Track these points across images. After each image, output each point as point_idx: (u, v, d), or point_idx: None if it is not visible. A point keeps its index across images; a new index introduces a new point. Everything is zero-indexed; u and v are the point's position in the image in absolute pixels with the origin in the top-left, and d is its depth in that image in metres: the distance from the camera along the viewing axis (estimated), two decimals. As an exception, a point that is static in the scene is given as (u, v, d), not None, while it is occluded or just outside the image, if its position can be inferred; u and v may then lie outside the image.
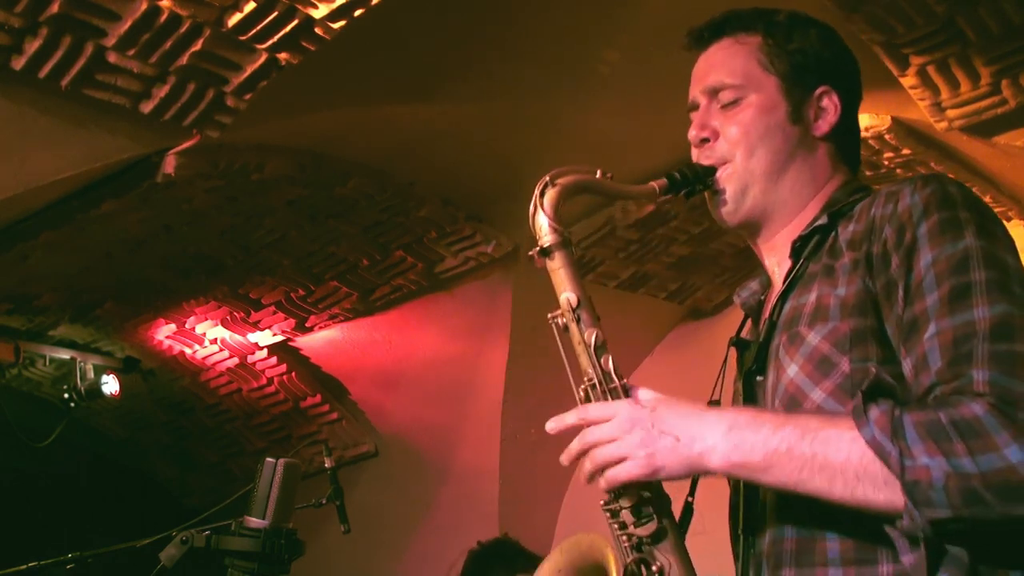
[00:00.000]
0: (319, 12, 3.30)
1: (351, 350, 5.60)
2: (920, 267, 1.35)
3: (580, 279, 1.57)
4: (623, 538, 1.48)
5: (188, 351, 5.68)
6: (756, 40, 1.64)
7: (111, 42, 3.31)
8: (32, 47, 3.27)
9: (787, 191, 1.60)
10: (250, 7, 3.26)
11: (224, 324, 5.42)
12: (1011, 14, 3.31)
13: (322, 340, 5.56)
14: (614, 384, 1.49)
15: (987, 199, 4.57)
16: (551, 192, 1.59)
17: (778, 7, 1.69)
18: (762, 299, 1.68)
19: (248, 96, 3.61)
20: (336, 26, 3.36)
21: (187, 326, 5.45)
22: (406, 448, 5.97)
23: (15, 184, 3.72)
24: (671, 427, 1.39)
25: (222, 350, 5.66)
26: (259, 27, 3.34)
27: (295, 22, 3.33)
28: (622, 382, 1.50)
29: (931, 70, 3.56)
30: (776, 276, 1.63)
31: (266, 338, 5.53)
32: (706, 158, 1.63)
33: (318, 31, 3.38)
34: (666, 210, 4.74)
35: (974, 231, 1.35)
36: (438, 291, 5.17)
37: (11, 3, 3.12)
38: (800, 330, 1.45)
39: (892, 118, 4.09)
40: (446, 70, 3.87)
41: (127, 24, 3.26)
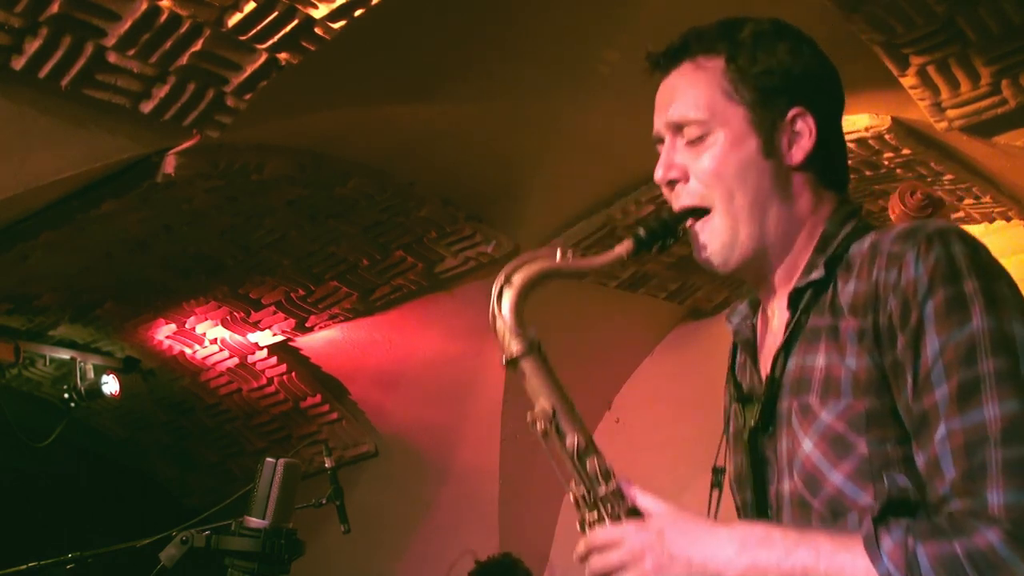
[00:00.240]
0: (319, 12, 3.30)
1: (351, 350, 5.60)
2: (927, 355, 1.31)
3: (555, 383, 1.46)
4: None
5: (188, 351, 5.68)
6: (719, 64, 1.52)
7: (111, 42, 3.31)
8: (32, 47, 3.27)
9: (772, 232, 1.50)
10: (250, 7, 3.26)
11: (224, 324, 5.42)
12: (1011, 14, 3.31)
13: (322, 340, 5.56)
14: (603, 489, 1.44)
15: (987, 199, 4.57)
16: (508, 294, 1.49)
17: (750, 16, 1.57)
18: (754, 323, 1.62)
19: (248, 96, 3.61)
20: (336, 26, 3.36)
21: (187, 326, 5.45)
22: (406, 448, 5.97)
23: (15, 184, 3.72)
24: (682, 549, 1.37)
25: (222, 350, 5.66)
26: (259, 27, 3.34)
27: (295, 22, 3.33)
28: (610, 484, 1.44)
29: (931, 70, 3.56)
30: (773, 320, 1.56)
31: (266, 338, 5.53)
32: (679, 201, 1.53)
33: (318, 31, 3.38)
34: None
35: (981, 307, 1.31)
36: (438, 291, 5.17)
37: (11, 3, 3.12)
38: (811, 402, 1.42)
39: (892, 118, 4.09)
40: (446, 70, 3.87)
41: (127, 24, 3.26)
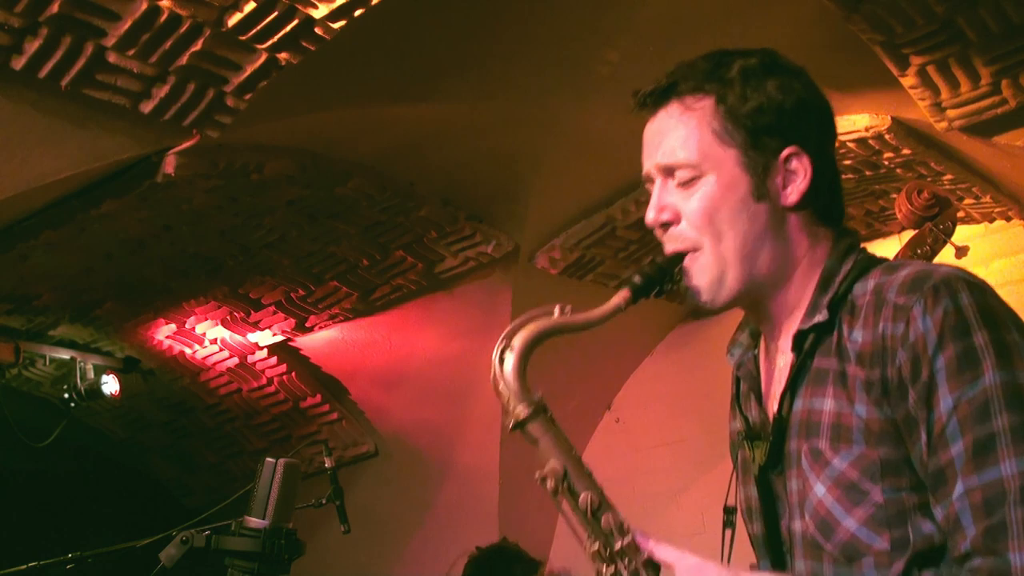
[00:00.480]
0: (319, 12, 3.30)
1: (351, 350, 5.60)
2: (940, 411, 1.31)
3: (564, 441, 1.46)
4: None
5: (188, 351, 5.68)
6: (708, 105, 1.49)
7: (111, 42, 3.31)
8: (32, 47, 3.27)
9: (764, 273, 1.49)
10: (250, 7, 3.26)
11: (224, 324, 5.42)
12: (1011, 14, 3.31)
13: (322, 340, 5.56)
14: (619, 543, 1.42)
15: (987, 199, 4.57)
16: (510, 357, 1.49)
17: (737, 49, 1.54)
18: (755, 355, 1.61)
19: (248, 96, 3.61)
20: (336, 26, 3.36)
21: (187, 326, 5.45)
22: (406, 448, 5.97)
23: (15, 184, 3.72)
24: None
25: (222, 350, 5.66)
26: (259, 27, 3.33)
27: (295, 22, 3.33)
28: (626, 538, 1.43)
29: (931, 70, 3.56)
30: (777, 358, 1.55)
31: (266, 338, 5.53)
32: (673, 244, 1.51)
33: (318, 31, 3.38)
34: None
35: (993, 361, 1.30)
36: (438, 291, 5.17)
37: (11, 3, 3.12)
38: (822, 447, 1.41)
39: (892, 118, 4.09)
40: (446, 70, 3.87)
41: (127, 24, 3.26)
